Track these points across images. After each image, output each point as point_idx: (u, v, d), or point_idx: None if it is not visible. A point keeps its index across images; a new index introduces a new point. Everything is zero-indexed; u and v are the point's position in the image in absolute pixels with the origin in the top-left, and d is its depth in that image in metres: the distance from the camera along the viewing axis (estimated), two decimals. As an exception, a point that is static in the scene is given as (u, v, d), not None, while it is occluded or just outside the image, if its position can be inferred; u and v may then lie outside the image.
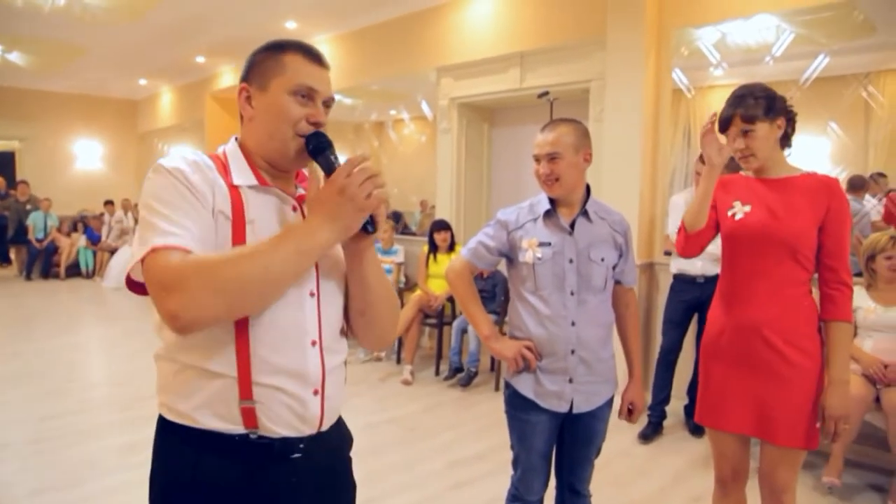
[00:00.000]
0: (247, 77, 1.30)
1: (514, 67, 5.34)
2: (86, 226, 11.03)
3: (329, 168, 1.22)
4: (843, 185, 4.20)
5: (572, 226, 2.06)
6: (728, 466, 2.12)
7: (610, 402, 2.15)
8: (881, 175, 4.29)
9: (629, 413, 2.21)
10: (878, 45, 4.42)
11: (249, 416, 1.16)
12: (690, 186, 4.04)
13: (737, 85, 2.07)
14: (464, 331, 4.95)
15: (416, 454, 3.66)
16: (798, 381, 1.94)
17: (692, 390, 4.03)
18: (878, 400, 3.17)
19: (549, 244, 2.04)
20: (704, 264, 3.79)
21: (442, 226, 5.33)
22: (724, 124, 2.01)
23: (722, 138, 2.03)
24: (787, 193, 1.97)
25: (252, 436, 1.18)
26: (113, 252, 10.37)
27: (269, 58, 1.29)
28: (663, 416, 4.02)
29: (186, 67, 9.73)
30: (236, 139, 1.32)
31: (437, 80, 6.05)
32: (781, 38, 4.23)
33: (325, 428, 1.27)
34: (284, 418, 1.19)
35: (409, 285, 5.94)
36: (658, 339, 4.16)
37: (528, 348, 2.04)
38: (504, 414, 2.18)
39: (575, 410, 2.05)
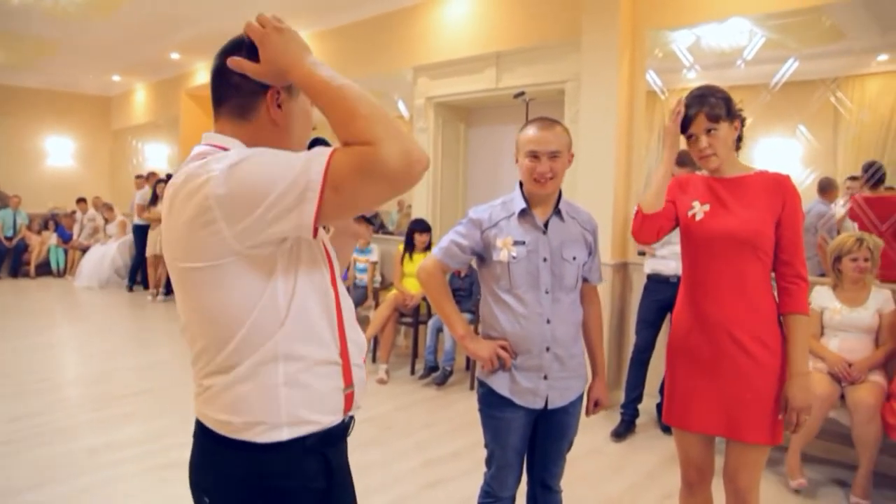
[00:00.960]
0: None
1: (491, 67, 5.36)
2: (57, 224, 10.85)
3: None
4: (814, 188, 4.30)
5: (546, 225, 2.07)
6: (693, 468, 2.14)
7: (581, 397, 2.18)
8: (854, 178, 4.38)
9: (595, 406, 2.25)
10: (845, 50, 4.51)
11: (349, 401, 1.24)
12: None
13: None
14: (439, 330, 4.97)
15: (391, 453, 3.67)
16: (763, 377, 1.97)
17: (664, 388, 4.08)
18: (842, 397, 3.25)
19: (524, 243, 2.04)
20: (678, 264, 3.84)
21: (423, 227, 5.33)
22: (687, 123, 2.03)
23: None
24: (742, 192, 2.01)
25: (346, 420, 1.25)
26: (85, 251, 10.21)
27: None
28: (636, 414, 4.07)
29: (161, 64, 9.63)
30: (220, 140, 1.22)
31: (413, 79, 6.05)
32: (753, 41, 4.29)
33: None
34: (358, 397, 1.28)
35: (385, 284, 5.94)
36: (632, 339, 4.21)
37: (503, 347, 2.04)
38: (478, 412, 2.19)
39: (550, 406, 2.07)
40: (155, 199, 8.54)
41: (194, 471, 1.26)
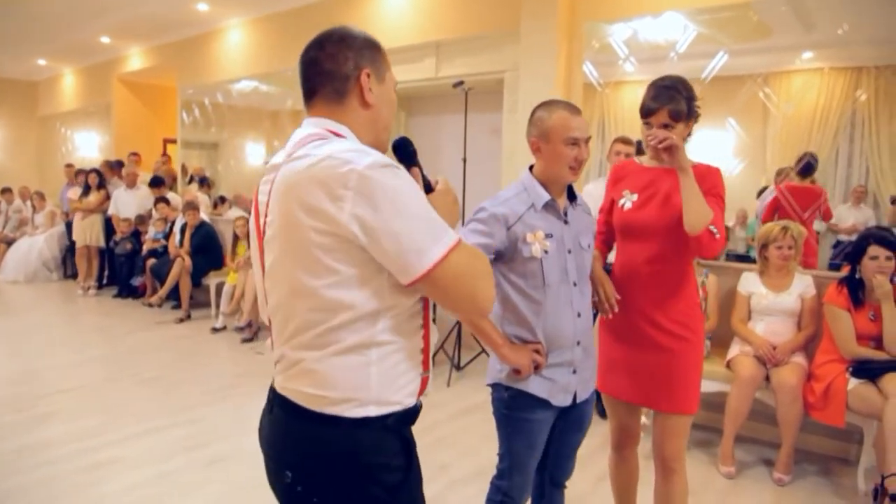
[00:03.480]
0: (363, 63, 1.31)
1: (430, 57, 5.35)
2: (-21, 215, 10.31)
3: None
4: (744, 177, 4.43)
5: (565, 214, 1.99)
6: (620, 429, 2.33)
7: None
8: (781, 170, 4.54)
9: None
10: (773, 47, 4.66)
11: (423, 385, 1.31)
12: (603, 176, 4.17)
13: (646, 81, 2.14)
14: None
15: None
16: (682, 354, 2.12)
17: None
18: (767, 379, 3.38)
19: (551, 235, 1.93)
20: (612, 253, 3.92)
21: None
22: (649, 113, 2.07)
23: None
24: (675, 181, 2.06)
25: (418, 403, 1.32)
26: (10, 243, 9.74)
27: (378, 51, 1.35)
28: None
29: (90, 48, 9.24)
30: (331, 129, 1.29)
31: (353, 67, 5.97)
32: (686, 35, 4.40)
33: None
34: (429, 384, 1.35)
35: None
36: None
37: (537, 351, 1.92)
38: (497, 418, 2.05)
39: (578, 401, 2.00)
40: (87, 189, 8.22)
41: (276, 447, 1.29)
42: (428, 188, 1.37)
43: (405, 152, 1.39)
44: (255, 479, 3.16)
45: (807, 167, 4.26)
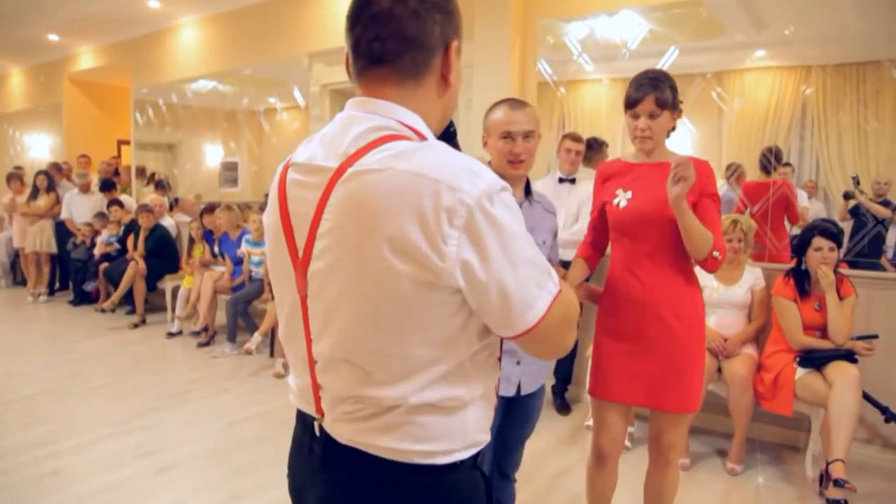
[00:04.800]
0: (452, 33, 1.01)
1: (386, 55, 5.29)
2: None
3: None
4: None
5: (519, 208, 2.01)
6: (608, 436, 2.25)
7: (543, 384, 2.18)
8: (730, 166, 4.63)
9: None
10: (726, 45, 4.74)
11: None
12: (553, 171, 4.18)
13: (602, 80, 2.16)
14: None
15: (284, 447, 3.56)
16: (685, 351, 2.09)
17: (559, 370, 4.19)
18: (719, 370, 3.43)
19: None
20: (564, 251, 3.93)
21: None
22: (634, 103, 2.07)
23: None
24: (664, 175, 2.05)
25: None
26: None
27: (461, 18, 1.04)
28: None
29: (38, 46, 8.97)
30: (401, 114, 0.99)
31: (308, 65, 5.92)
32: (639, 33, 4.45)
33: None
34: None
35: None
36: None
37: None
38: None
39: (522, 392, 2.04)
40: (36, 192, 7.98)
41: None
42: None
43: (446, 133, 1.12)
44: (206, 486, 3.13)
45: (761, 162, 4.34)
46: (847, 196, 4.44)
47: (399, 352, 0.96)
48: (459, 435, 1.03)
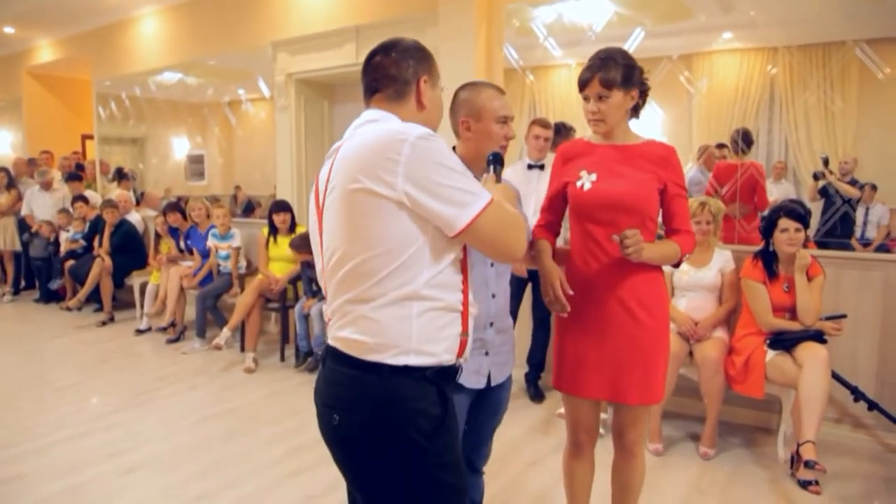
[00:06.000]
0: (421, 71, 1.56)
1: (350, 42, 5.20)
2: None
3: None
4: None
5: None
6: (583, 430, 2.20)
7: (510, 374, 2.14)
8: (722, 146, 4.62)
9: None
10: (694, 28, 4.72)
11: (462, 347, 1.46)
12: (523, 158, 4.13)
13: (571, 65, 2.10)
14: (306, 315, 4.78)
15: (253, 443, 3.51)
16: (648, 342, 2.03)
17: (533, 358, 4.16)
18: (690, 354, 3.42)
19: None
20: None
21: (282, 207, 5.13)
22: (583, 85, 2.01)
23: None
24: (630, 160, 2.02)
25: (457, 365, 1.47)
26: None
27: (433, 62, 1.60)
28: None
29: (-6, 39, 8.70)
30: None
31: (272, 55, 5.78)
32: (606, 16, 4.42)
33: None
34: (468, 349, 1.51)
35: (252, 270, 5.68)
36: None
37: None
38: None
39: (493, 383, 2.00)
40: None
41: (324, 392, 1.48)
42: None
43: (497, 165, 1.74)
44: (173, 486, 3.05)
45: (733, 143, 4.33)
46: (817, 177, 4.45)
47: (360, 257, 1.35)
48: (404, 337, 1.35)
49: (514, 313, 4.02)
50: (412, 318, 1.36)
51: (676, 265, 2.11)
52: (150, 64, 7.25)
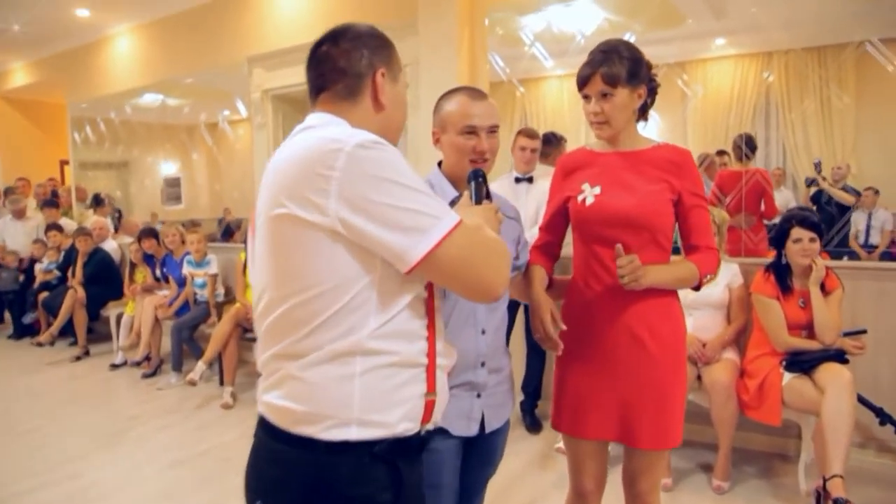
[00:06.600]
0: (378, 62, 1.26)
1: (328, 55, 4.99)
2: None
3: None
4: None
5: None
6: (589, 477, 1.90)
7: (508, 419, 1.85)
8: (722, 153, 4.43)
9: None
10: (688, 35, 4.57)
11: (429, 410, 1.16)
12: (511, 171, 3.89)
13: (562, 75, 1.84)
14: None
15: (227, 490, 3.21)
16: (662, 377, 1.75)
17: (528, 385, 3.88)
18: (699, 378, 3.15)
19: None
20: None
21: (259, 230, 4.86)
22: (583, 83, 1.74)
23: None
24: (639, 167, 1.76)
25: (422, 432, 1.17)
26: None
27: (393, 50, 1.32)
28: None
29: (-36, 64, 8.48)
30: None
31: (248, 71, 5.56)
32: (596, 23, 4.25)
33: None
34: (439, 408, 1.21)
35: (230, 297, 5.38)
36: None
37: None
38: None
39: (487, 429, 1.71)
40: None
41: (249, 474, 1.20)
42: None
43: (476, 182, 1.43)
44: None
45: (736, 150, 4.12)
46: (809, 183, 4.24)
47: (289, 301, 1.07)
48: (343, 405, 1.05)
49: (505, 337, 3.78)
50: (354, 378, 1.06)
51: (696, 288, 1.81)
52: (126, 84, 7.06)
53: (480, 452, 1.77)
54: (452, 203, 1.57)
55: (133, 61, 6.93)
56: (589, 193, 1.79)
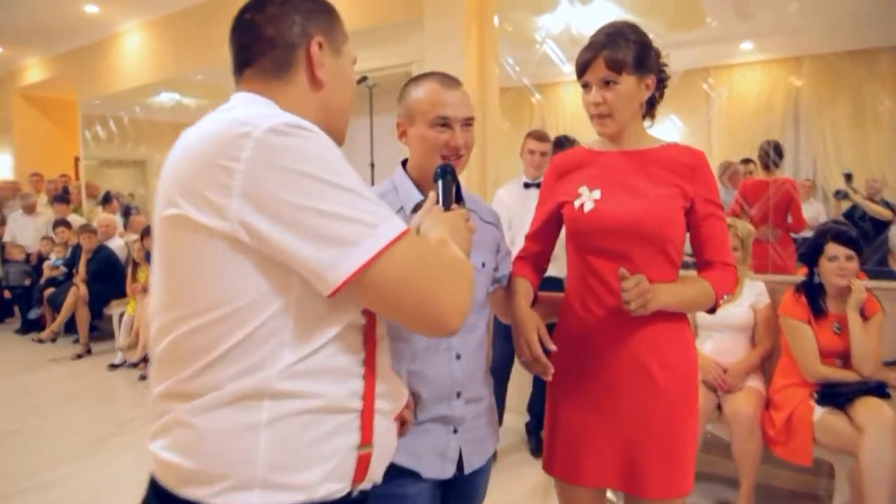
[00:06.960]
0: (313, 30, 1.05)
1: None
2: None
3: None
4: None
5: None
6: None
7: (494, 454, 1.61)
8: (748, 161, 4.21)
9: None
10: (712, 38, 4.37)
11: (362, 466, 0.94)
12: (518, 177, 3.65)
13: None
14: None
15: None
16: (673, 414, 1.51)
17: (534, 405, 3.64)
18: (719, 407, 2.87)
19: None
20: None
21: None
22: (582, 69, 1.51)
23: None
24: (646, 169, 1.53)
25: (354, 494, 0.95)
26: None
27: (335, 17, 1.10)
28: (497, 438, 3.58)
29: (-19, 59, 8.47)
30: None
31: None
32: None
33: None
34: (377, 464, 1.00)
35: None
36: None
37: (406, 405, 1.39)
38: None
39: (467, 470, 1.48)
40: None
41: None
42: None
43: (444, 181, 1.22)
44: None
45: (763, 157, 3.83)
46: (840, 195, 3.94)
47: (180, 329, 0.86)
48: (245, 462, 0.83)
49: (510, 355, 3.50)
50: (259, 427, 0.84)
51: (711, 311, 1.56)
52: (136, 81, 6.98)
53: (459, 496, 1.54)
54: (416, 209, 1.35)
55: (143, 58, 6.86)
56: (588, 198, 1.54)
